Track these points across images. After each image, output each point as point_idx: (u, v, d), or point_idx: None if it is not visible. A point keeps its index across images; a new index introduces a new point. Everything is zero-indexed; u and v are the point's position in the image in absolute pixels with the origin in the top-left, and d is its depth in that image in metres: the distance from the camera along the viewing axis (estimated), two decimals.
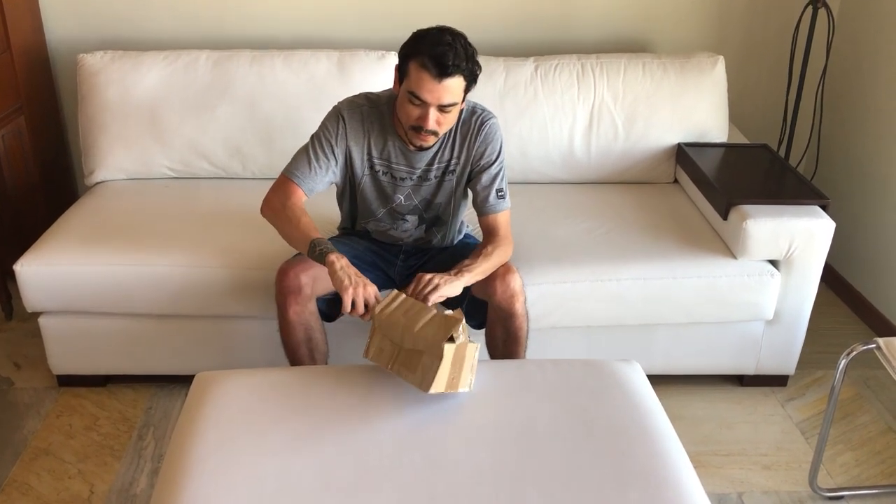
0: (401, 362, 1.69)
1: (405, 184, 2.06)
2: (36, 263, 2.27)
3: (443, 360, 1.60)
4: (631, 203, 2.67)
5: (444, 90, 1.83)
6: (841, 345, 2.31)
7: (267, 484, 1.45)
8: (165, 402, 2.44)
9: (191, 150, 2.71)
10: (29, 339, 2.70)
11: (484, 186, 2.05)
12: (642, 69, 2.77)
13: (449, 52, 1.80)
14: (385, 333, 1.74)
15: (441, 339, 1.62)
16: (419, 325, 1.68)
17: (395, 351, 1.70)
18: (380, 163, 2.04)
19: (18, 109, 2.79)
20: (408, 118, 1.90)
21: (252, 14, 2.97)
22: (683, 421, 2.37)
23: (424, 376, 1.63)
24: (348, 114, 2.00)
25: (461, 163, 2.05)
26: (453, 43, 1.82)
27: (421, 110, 1.86)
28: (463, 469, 1.49)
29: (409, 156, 2.02)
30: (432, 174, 2.06)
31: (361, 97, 2.04)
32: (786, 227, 2.29)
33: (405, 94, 1.87)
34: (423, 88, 1.82)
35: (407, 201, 2.09)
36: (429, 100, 1.83)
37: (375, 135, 2.01)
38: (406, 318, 1.71)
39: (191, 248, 2.31)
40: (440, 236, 2.20)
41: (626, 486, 1.46)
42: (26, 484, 2.12)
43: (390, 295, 1.79)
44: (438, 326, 1.67)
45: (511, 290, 1.98)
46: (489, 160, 2.04)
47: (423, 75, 1.81)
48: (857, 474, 2.22)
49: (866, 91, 2.94)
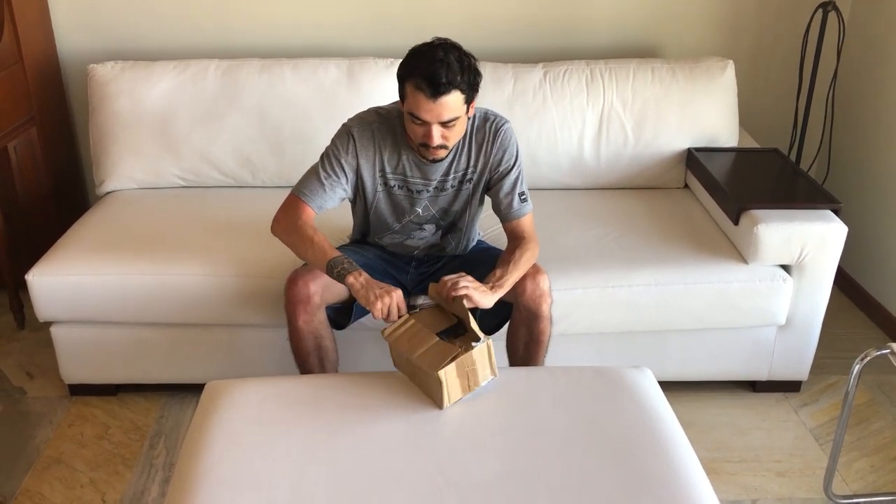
0: (417, 379, 1.74)
1: (422, 196, 2.06)
2: (48, 273, 2.28)
3: (443, 385, 1.64)
4: (641, 209, 2.66)
5: (442, 108, 1.81)
6: (854, 350, 2.29)
7: (278, 492, 1.45)
8: (176, 411, 2.45)
9: (201, 159, 2.72)
10: (41, 348, 2.72)
11: (506, 193, 2.04)
12: (651, 74, 2.76)
13: (441, 70, 1.77)
14: (397, 352, 1.78)
15: (437, 367, 1.64)
16: (418, 353, 1.70)
17: (412, 367, 1.74)
18: (394, 178, 2.03)
19: (30, 120, 2.81)
20: (414, 136, 1.90)
21: (260, 23, 2.98)
22: (696, 427, 2.36)
23: (434, 396, 1.68)
24: (358, 131, 1.99)
25: (478, 170, 2.05)
26: (445, 58, 1.79)
27: (424, 129, 1.86)
28: (474, 476, 1.49)
29: (425, 168, 2.02)
30: (449, 184, 2.05)
31: (371, 113, 2.03)
32: (798, 231, 2.27)
33: (407, 115, 1.87)
34: (421, 109, 1.81)
35: (425, 212, 2.09)
36: (428, 119, 1.83)
37: (388, 150, 2.00)
38: (409, 344, 1.73)
39: (201, 257, 2.31)
40: (454, 243, 2.20)
41: (637, 493, 1.45)
42: (39, 493, 2.13)
43: (401, 318, 1.81)
44: (435, 354, 1.69)
45: (540, 290, 1.97)
46: (507, 166, 2.04)
47: (419, 96, 1.80)
48: (873, 481, 2.20)
49: (877, 94, 2.92)
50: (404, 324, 1.79)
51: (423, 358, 1.68)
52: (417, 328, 1.78)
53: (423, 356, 1.68)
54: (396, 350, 1.77)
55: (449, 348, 1.69)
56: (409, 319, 1.80)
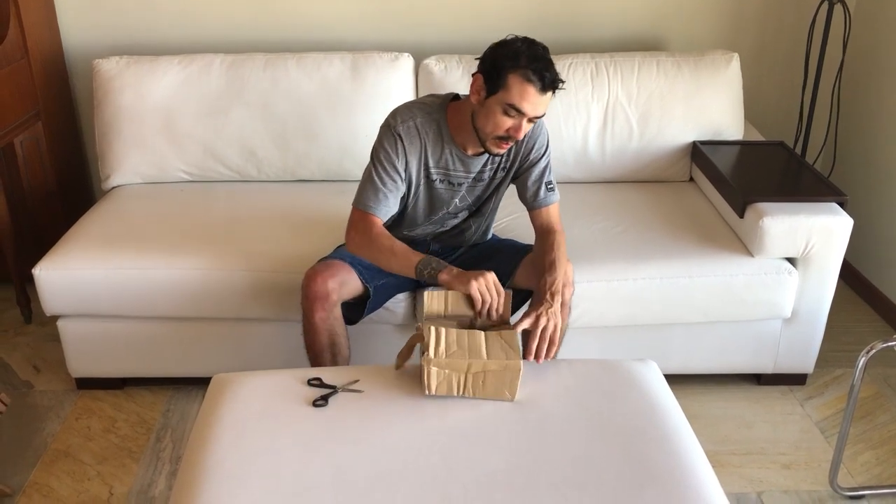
0: (470, 387, 1.68)
1: (461, 188, 2.07)
2: (54, 268, 2.29)
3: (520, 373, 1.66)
4: (646, 202, 2.66)
5: (544, 102, 1.84)
6: (860, 342, 2.29)
7: (284, 485, 1.45)
8: (183, 404, 2.46)
9: (206, 153, 2.73)
10: (48, 342, 2.73)
11: (534, 181, 2.06)
12: (656, 67, 2.76)
13: (550, 66, 1.81)
14: (449, 367, 1.67)
15: (515, 357, 1.66)
16: (485, 352, 1.68)
17: (460, 378, 1.67)
18: (437, 171, 2.03)
19: (36, 115, 2.81)
20: (496, 128, 1.87)
21: (264, 17, 2.98)
22: (701, 420, 2.36)
23: (509, 390, 1.67)
24: (404, 129, 1.96)
25: (510, 159, 2.06)
26: (547, 56, 1.83)
27: (515, 121, 1.85)
28: (478, 470, 1.49)
29: (467, 161, 2.02)
30: (486, 174, 2.07)
31: (412, 107, 2.00)
32: (803, 224, 2.27)
33: (499, 106, 1.84)
34: (527, 101, 1.81)
35: (462, 202, 2.11)
36: (529, 112, 1.83)
37: (432, 144, 1.99)
38: (469, 351, 1.68)
39: (207, 251, 2.32)
40: (475, 227, 2.21)
41: (643, 486, 1.45)
42: (47, 486, 2.14)
43: (429, 333, 1.72)
44: (501, 347, 1.69)
45: (566, 278, 1.95)
46: (538, 154, 2.05)
47: (528, 88, 1.80)
48: (879, 473, 2.20)
49: (883, 87, 2.91)
50: (439, 337, 1.71)
51: (493, 352, 1.68)
52: (456, 334, 1.73)
53: (491, 352, 1.68)
54: (450, 362, 1.67)
55: (504, 334, 1.73)
56: (439, 332, 1.72)
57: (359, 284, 2.06)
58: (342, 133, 2.69)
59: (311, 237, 2.35)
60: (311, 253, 2.19)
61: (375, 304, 2.14)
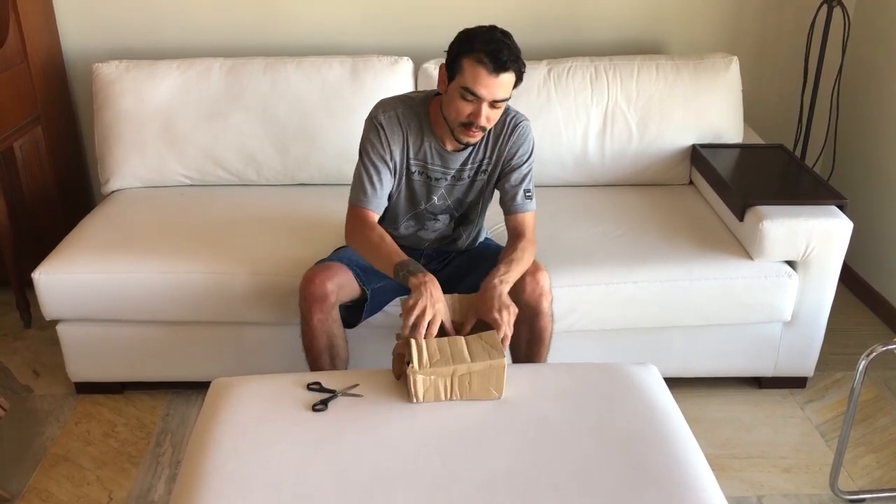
0: (457, 389, 1.69)
1: (440, 184, 2.07)
2: (54, 272, 2.29)
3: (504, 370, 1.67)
4: (646, 205, 2.66)
5: (499, 85, 1.84)
6: (860, 346, 2.29)
7: (284, 489, 1.45)
8: (182, 409, 2.45)
9: (205, 157, 2.73)
10: (47, 346, 2.72)
11: (513, 185, 2.06)
12: (656, 71, 2.76)
13: (504, 48, 1.82)
14: (435, 374, 1.68)
15: (498, 356, 1.68)
16: (468, 355, 1.69)
17: (447, 382, 1.68)
18: (415, 163, 2.04)
19: (35, 119, 2.81)
20: (458, 115, 1.89)
21: (264, 21, 2.98)
22: (701, 424, 2.35)
23: (493, 387, 1.68)
24: (385, 119, 1.99)
25: (493, 162, 2.06)
26: (504, 39, 1.85)
27: (473, 106, 1.86)
28: (478, 473, 1.49)
29: (446, 156, 2.03)
30: (466, 174, 2.07)
31: (395, 100, 2.03)
32: (803, 227, 2.27)
33: (457, 91, 1.86)
34: (479, 83, 1.83)
35: (441, 202, 2.10)
36: (484, 95, 1.84)
37: (413, 135, 2.01)
38: (453, 357, 1.69)
39: (207, 255, 2.32)
40: (465, 235, 2.21)
41: (643, 489, 1.45)
42: (46, 490, 2.13)
43: (411, 344, 1.72)
44: (482, 348, 1.71)
45: (541, 288, 1.98)
46: (520, 160, 2.05)
47: (480, 70, 1.82)
48: (879, 476, 2.20)
49: (883, 90, 2.91)
50: (420, 349, 1.71)
51: (475, 356, 1.68)
52: (437, 343, 1.74)
53: (474, 356, 1.69)
54: (434, 369, 1.68)
55: (485, 336, 1.74)
56: (421, 343, 1.73)
57: (356, 287, 2.06)
58: (342, 137, 2.69)
59: (310, 241, 2.35)
60: (310, 256, 2.19)
61: (374, 307, 2.14)
